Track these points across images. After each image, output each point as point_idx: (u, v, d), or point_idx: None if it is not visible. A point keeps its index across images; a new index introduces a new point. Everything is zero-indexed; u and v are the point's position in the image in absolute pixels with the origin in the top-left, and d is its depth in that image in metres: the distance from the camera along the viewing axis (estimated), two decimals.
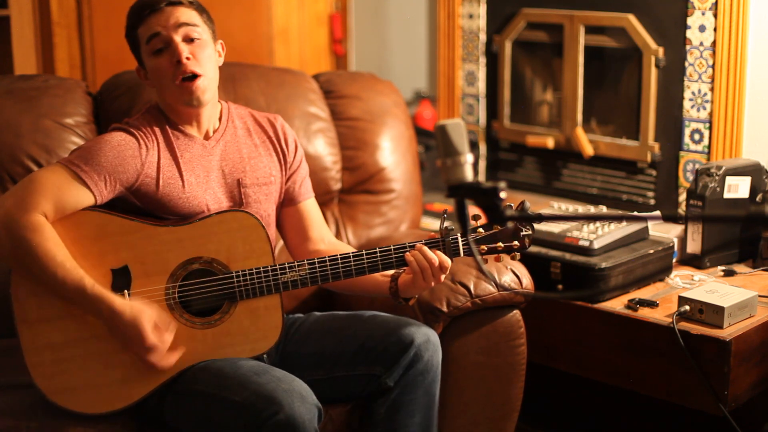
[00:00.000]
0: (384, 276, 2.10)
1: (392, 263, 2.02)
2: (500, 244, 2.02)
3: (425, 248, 1.99)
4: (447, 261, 2.00)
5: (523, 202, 1.95)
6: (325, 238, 2.25)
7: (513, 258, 2.04)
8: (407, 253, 2.00)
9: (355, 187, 2.76)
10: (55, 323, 1.95)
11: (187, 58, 2.00)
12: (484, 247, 2.02)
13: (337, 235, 2.69)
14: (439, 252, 2.00)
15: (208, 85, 2.04)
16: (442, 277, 2.01)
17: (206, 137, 2.11)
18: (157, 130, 2.07)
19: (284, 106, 2.66)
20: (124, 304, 1.91)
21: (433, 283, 2.01)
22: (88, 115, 2.51)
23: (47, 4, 3.48)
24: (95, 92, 2.60)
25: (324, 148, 2.71)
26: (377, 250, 2.01)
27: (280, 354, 2.14)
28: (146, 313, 1.91)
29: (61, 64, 3.54)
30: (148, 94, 2.52)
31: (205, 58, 2.04)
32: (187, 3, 2.06)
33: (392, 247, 2.01)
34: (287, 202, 2.22)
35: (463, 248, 2.02)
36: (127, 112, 2.50)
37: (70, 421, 1.96)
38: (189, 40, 2.03)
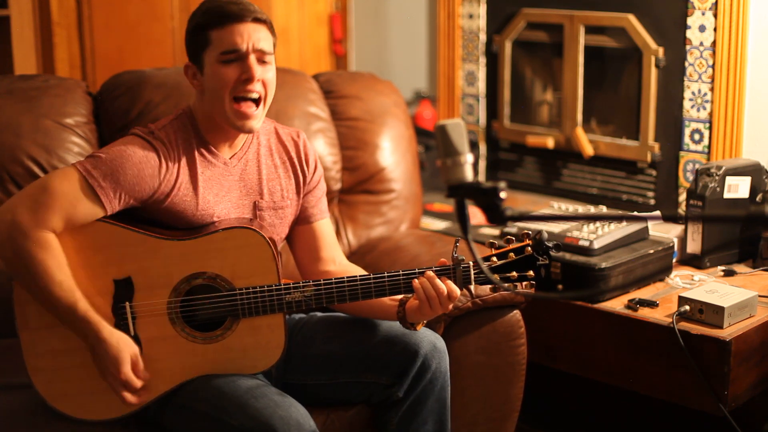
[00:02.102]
0: (392, 300, 2.05)
1: (400, 288, 1.98)
2: (514, 273, 1.96)
3: (435, 278, 1.94)
4: (455, 291, 1.94)
5: (541, 232, 1.93)
6: (336, 259, 2.20)
7: (528, 287, 1.99)
8: (414, 279, 1.95)
9: (355, 187, 2.76)
10: (56, 330, 1.95)
11: (258, 80, 1.96)
12: (497, 276, 1.96)
13: (337, 236, 2.69)
14: (449, 282, 1.94)
15: (262, 114, 2.00)
16: (450, 306, 1.96)
17: (231, 155, 2.07)
18: (181, 144, 2.01)
19: (284, 106, 2.66)
20: (111, 334, 1.91)
21: (440, 312, 1.96)
22: (88, 115, 2.51)
23: (47, 4, 3.48)
24: (95, 92, 2.59)
25: (324, 148, 2.70)
26: (385, 274, 1.97)
27: (284, 356, 2.13)
28: (129, 348, 1.92)
29: (61, 64, 3.55)
30: (148, 95, 2.52)
31: (270, 83, 1.99)
32: (268, 23, 1.99)
33: (401, 272, 1.97)
34: (301, 220, 2.18)
35: (475, 277, 1.96)
36: (127, 112, 2.50)
37: (71, 424, 1.96)
38: (261, 62, 1.98)
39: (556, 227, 2.70)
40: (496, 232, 2.95)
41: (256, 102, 1.98)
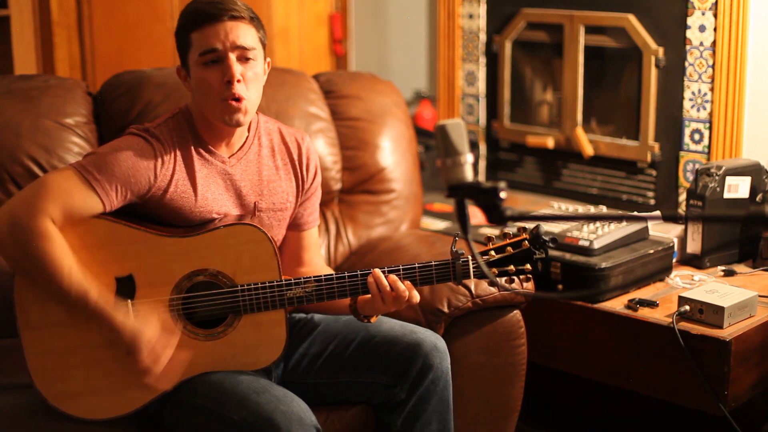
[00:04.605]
0: None
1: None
2: (512, 266, 1.99)
3: (383, 277, 1.95)
4: (416, 297, 1.97)
5: (538, 226, 1.95)
6: (314, 262, 2.23)
7: (526, 281, 2.01)
8: (369, 275, 1.96)
9: (355, 187, 2.76)
10: (57, 329, 1.95)
11: (238, 81, 1.94)
12: (495, 270, 1.99)
13: (337, 236, 2.70)
14: (412, 287, 1.96)
15: (250, 108, 1.98)
16: (404, 305, 1.97)
17: (230, 154, 2.06)
18: (177, 141, 2.01)
19: (284, 106, 2.66)
20: (124, 323, 1.90)
21: (393, 309, 1.98)
22: (88, 115, 2.51)
23: (47, 4, 3.48)
24: (95, 92, 2.59)
25: (324, 148, 2.70)
26: (386, 269, 1.98)
27: (284, 356, 2.13)
28: (145, 335, 1.90)
29: (61, 64, 3.55)
30: (148, 95, 2.52)
31: (254, 80, 1.97)
32: (248, 18, 1.97)
33: (401, 267, 1.98)
34: (292, 226, 2.19)
35: (474, 271, 1.98)
36: (127, 112, 2.50)
37: (71, 424, 1.96)
38: (243, 59, 1.96)
39: (556, 227, 2.70)
40: (496, 232, 2.94)
41: (240, 100, 1.96)
